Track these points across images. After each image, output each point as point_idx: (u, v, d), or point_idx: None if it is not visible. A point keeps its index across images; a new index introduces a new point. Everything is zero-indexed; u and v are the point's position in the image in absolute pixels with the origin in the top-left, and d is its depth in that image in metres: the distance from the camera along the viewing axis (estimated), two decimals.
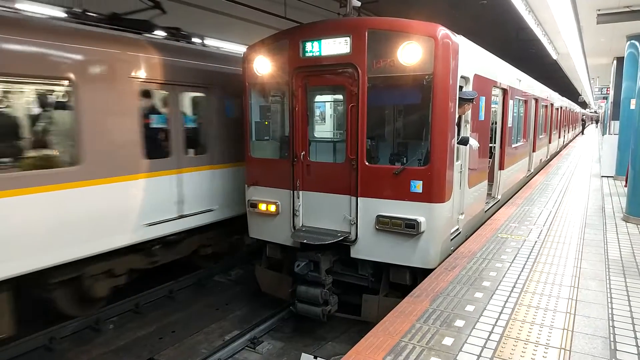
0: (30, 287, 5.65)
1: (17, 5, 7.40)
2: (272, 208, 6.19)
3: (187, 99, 7.41)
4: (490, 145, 8.18)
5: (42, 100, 5.68)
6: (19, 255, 5.07)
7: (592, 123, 58.26)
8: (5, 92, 5.34)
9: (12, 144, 5.29)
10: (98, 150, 5.73)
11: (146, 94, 6.51)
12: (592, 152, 21.20)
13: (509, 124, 8.69)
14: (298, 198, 5.99)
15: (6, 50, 4.90)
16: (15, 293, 5.31)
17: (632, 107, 9.27)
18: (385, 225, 5.35)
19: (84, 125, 5.56)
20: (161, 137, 6.80)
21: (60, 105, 5.65)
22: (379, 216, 5.39)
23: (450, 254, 5.59)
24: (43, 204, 5.21)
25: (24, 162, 5.26)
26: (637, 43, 10.98)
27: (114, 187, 5.95)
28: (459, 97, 5.47)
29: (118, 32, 6.43)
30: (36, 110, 5.64)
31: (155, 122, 6.73)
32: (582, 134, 42.24)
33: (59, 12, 7.34)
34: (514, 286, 4.51)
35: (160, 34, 7.49)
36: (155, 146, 6.62)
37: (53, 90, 5.69)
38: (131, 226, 6.23)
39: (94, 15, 6.65)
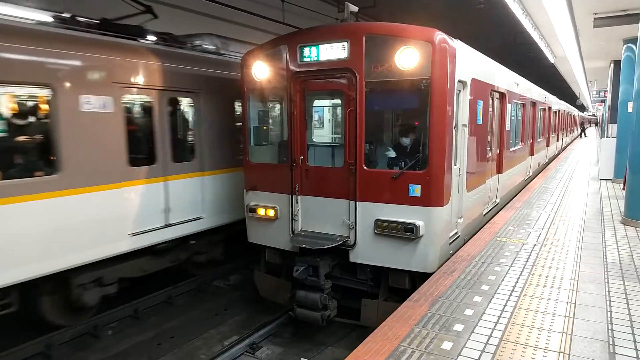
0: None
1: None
2: (271, 213, 6.19)
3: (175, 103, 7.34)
4: None
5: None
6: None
7: (590, 126, 58.55)
8: None
9: None
10: None
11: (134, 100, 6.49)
12: (590, 155, 21.24)
13: (507, 127, 8.70)
14: (297, 203, 5.99)
15: None
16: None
17: (630, 110, 9.30)
18: (384, 229, 5.35)
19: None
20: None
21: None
22: (377, 220, 5.39)
23: (449, 258, 5.58)
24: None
25: None
26: (633, 46, 11.00)
27: None
28: None
29: (102, 36, 6.28)
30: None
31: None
32: (582, 135, 42.27)
33: (46, 17, 7.07)
34: (513, 290, 4.51)
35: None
36: None
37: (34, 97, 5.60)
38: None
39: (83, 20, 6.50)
